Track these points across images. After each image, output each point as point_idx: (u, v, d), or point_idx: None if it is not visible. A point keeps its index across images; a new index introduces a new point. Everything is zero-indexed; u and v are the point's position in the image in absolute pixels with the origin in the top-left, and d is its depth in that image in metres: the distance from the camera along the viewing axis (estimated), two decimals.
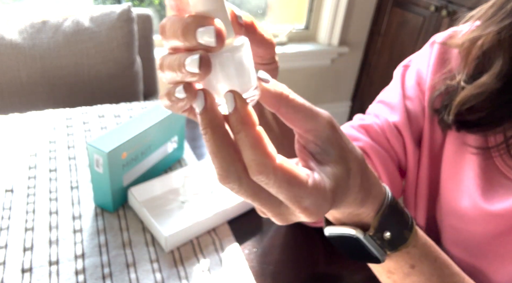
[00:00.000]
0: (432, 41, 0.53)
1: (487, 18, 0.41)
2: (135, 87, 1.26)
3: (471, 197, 0.45)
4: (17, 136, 0.73)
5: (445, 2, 1.72)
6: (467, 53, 0.44)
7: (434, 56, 0.51)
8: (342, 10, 2.04)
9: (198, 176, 0.64)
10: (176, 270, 0.52)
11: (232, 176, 0.25)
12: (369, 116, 0.57)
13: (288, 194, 0.25)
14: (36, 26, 1.11)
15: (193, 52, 0.24)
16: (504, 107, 0.41)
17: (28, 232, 0.54)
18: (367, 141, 0.54)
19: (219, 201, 0.62)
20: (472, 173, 0.45)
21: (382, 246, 0.33)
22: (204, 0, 0.24)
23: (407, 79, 0.55)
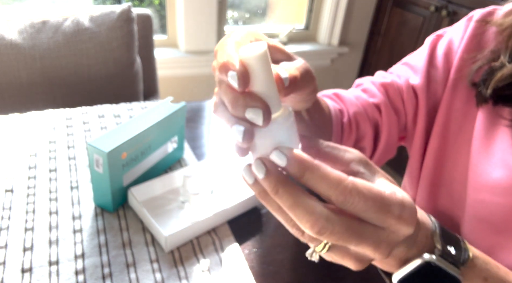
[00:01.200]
0: (470, 16, 0.54)
1: None
2: (135, 87, 1.26)
3: (507, 165, 0.45)
4: (17, 136, 0.73)
5: (445, 2, 1.72)
6: (509, 35, 0.45)
7: (469, 31, 0.52)
8: (342, 10, 2.04)
9: (198, 176, 0.64)
10: (176, 270, 0.52)
11: (321, 218, 0.26)
12: (391, 75, 0.60)
13: (375, 205, 0.26)
14: (36, 26, 1.11)
15: (240, 122, 0.27)
16: None
17: (28, 232, 0.54)
18: (383, 99, 0.57)
19: (219, 201, 0.62)
20: (506, 144, 0.46)
21: (454, 263, 0.32)
22: (256, 79, 0.27)
23: (438, 48, 0.56)
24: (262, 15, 2.12)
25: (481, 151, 0.49)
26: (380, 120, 0.58)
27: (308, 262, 0.55)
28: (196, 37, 1.84)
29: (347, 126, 0.57)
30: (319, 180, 0.26)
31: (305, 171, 0.26)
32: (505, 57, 0.45)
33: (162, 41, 1.89)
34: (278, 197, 0.26)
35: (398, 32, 2.01)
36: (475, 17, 0.53)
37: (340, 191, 0.25)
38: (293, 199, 0.26)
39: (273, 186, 0.26)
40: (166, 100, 0.66)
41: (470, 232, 0.51)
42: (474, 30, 0.51)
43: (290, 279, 0.53)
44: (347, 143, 0.58)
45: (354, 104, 0.58)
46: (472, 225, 0.51)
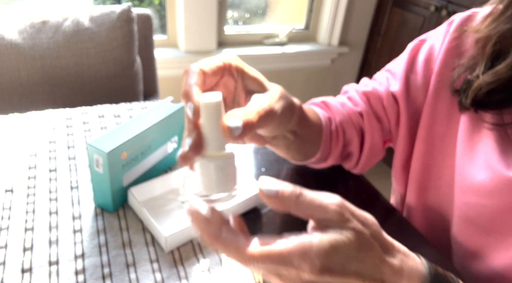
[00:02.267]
0: (451, 20, 0.54)
1: (499, 14, 0.43)
2: (135, 87, 1.26)
3: (490, 167, 0.46)
4: (17, 136, 0.73)
5: (445, 2, 1.72)
6: (483, 47, 0.46)
7: (449, 36, 0.52)
8: (342, 10, 2.04)
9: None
10: (176, 270, 0.52)
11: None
12: (373, 83, 0.63)
13: (277, 262, 0.28)
14: (36, 26, 1.11)
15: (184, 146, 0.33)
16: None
17: (28, 232, 0.54)
18: (365, 108, 0.59)
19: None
20: (490, 147, 0.47)
21: None
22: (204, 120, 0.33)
23: (420, 54, 0.57)
24: (262, 15, 2.12)
25: (465, 154, 0.50)
26: (364, 127, 0.60)
27: None
28: (196, 37, 1.84)
29: (335, 133, 0.59)
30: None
31: (214, 241, 0.31)
32: (480, 67, 0.45)
33: (162, 41, 1.89)
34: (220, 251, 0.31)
35: (398, 32, 2.01)
36: (455, 21, 0.53)
37: (242, 259, 0.29)
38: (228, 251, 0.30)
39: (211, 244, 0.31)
40: (166, 100, 0.66)
41: (459, 233, 0.52)
42: (454, 35, 0.52)
43: None
44: (335, 148, 0.60)
45: (340, 112, 0.60)
46: (461, 226, 0.51)
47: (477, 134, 0.49)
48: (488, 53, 0.45)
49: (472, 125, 0.50)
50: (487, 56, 0.45)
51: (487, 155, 0.47)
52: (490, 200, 0.46)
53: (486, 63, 0.45)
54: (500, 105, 0.45)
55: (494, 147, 0.46)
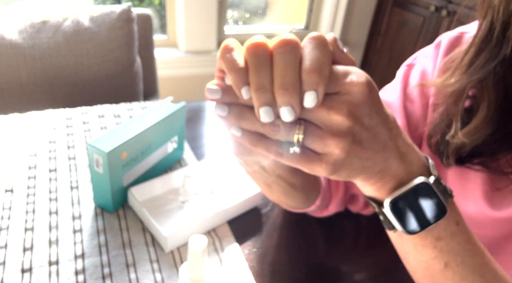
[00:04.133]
0: (438, 42, 0.52)
1: (469, 63, 0.40)
2: (135, 87, 1.26)
3: (476, 204, 0.45)
4: (17, 136, 0.73)
5: (445, 2, 1.72)
6: (456, 102, 0.43)
7: (439, 63, 0.49)
8: (342, 10, 2.04)
9: (198, 176, 0.64)
10: (176, 270, 0.52)
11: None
12: None
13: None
14: (36, 26, 1.11)
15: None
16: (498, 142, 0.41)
17: (28, 232, 0.54)
18: None
19: (219, 201, 0.62)
20: (479, 179, 0.45)
21: (443, 193, 0.33)
22: (190, 261, 0.40)
23: (411, 80, 0.53)
24: (262, 15, 2.12)
25: (455, 183, 0.48)
26: None
27: (308, 262, 0.55)
28: (196, 37, 1.84)
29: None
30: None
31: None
32: (456, 123, 0.42)
33: (162, 41, 1.89)
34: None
35: (398, 32, 2.01)
36: (443, 43, 0.50)
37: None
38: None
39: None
40: (166, 100, 0.66)
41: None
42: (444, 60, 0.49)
43: (290, 279, 0.53)
44: (336, 192, 0.55)
45: None
46: None
47: (466, 171, 0.46)
48: (461, 108, 0.42)
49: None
50: (460, 111, 0.42)
51: (475, 189, 0.45)
52: (482, 231, 0.44)
53: (461, 118, 0.42)
54: (485, 163, 0.43)
55: (483, 180, 0.44)
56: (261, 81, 0.26)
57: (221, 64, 0.28)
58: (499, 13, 0.36)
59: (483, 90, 0.40)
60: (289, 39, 0.27)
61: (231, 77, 0.27)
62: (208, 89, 0.29)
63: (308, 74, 0.26)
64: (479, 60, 0.39)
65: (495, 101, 0.39)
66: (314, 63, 0.26)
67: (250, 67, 0.27)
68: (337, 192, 0.55)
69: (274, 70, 0.26)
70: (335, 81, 0.27)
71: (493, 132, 0.40)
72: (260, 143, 0.29)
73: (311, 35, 0.28)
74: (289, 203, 0.50)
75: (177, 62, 1.85)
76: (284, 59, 0.26)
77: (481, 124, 0.40)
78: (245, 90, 0.27)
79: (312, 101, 0.26)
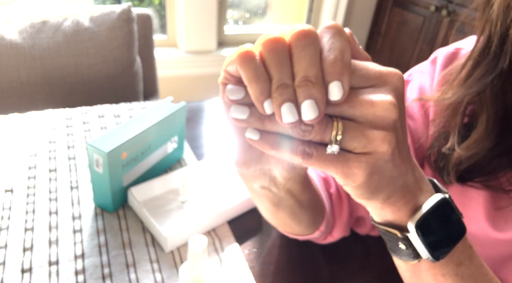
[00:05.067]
0: (433, 57, 0.51)
1: (466, 76, 0.40)
2: (135, 87, 1.26)
3: (479, 224, 0.44)
4: (17, 136, 0.73)
5: (445, 2, 1.72)
6: (453, 115, 0.42)
7: (436, 80, 0.48)
8: (342, 10, 2.04)
9: (198, 176, 0.64)
10: (176, 270, 0.52)
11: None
12: None
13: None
14: (36, 26, 1.11)
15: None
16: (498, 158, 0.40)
17: (28, 232, 0.54)
18: None
19: (219, 201, 0.62)
20: (481, 198, 0.44)
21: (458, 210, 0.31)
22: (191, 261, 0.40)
23: (409, 95, 0.52)
24: (262, 15, 2.12)
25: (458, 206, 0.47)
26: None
27: (308, 262, 0.55)
28: (196, 37, 1.84)
29: (336, 197, 0.51)
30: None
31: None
32: (453, 137, 0.42)
33: (162, 41, 1.89)
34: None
35: (398, 32, 2.01)
36: (439, 59, 0.50)
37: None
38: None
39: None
40: (166, 100, 0.66)
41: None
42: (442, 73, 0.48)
43: (290, 279, 0.52)
44: (340, 215, 0.52)
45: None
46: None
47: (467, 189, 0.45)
48: (459, 121, 0.41)
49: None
50: (459, 125, 0.41)
51: (477, 209, 0.44)
52: (486, 251, 0.43)
53: (460, 132, 0.41)
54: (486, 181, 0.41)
55: (486, 199, 0.43)
56: (283, 77, 0.24)
57: (239, 73, 0.25)
58: (497, 27, 0.36)
59: (481, 103, 0.39)
60: (307, 30, 0.24)
61: (253, 89, 0.24)
62: (229, 89, 0.26)
63: (331, 64, 0.24)
64: (477, 73, 0.39)
65: (494, 114, 0.38)
66: (336, 52, 0.24)
67: (270, 64, 0.24)
68: (341, 215, 0.52)
69: (294, 65, 0.24)
70: (365, 74, 0.25)
71: (493, 147, 0.39)
72: (284, 145, 0.26)
73: (326, 24, 0.26)
74: (294, 226, 0.47)
75: (177, 62, 1.85)
76: (305, 52, 0.24)
77: (480, 138, 0.39)
78: (267, 104, 0.24)
79: (338, 92, 0.24)
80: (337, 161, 0.25)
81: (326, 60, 0.24)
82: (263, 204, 0.41)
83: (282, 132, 0.26)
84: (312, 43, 0.24)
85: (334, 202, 0.52)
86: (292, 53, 0.24)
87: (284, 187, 0.37)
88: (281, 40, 0.25)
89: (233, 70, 0.26)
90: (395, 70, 0.25)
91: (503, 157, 0.40)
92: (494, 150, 0.39)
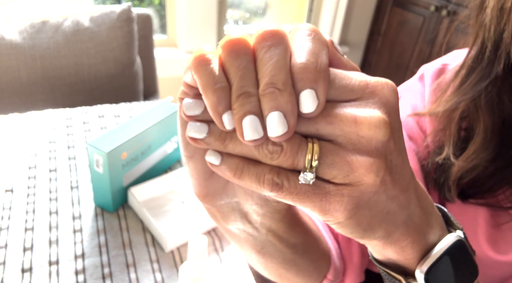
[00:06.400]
0: (420, 74, 0.49)
1: (460, 82, 0.39)
2: (135, 87, 1.26)
3: (479, 246, 0.42)
4: (17, 136, 0.73)
5: (445, 2, 1.72)
6: (448, 123, 0.40)
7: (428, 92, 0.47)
8: (342, 10, 2.04)
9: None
10: (176, 270, 0.52)
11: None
12: None
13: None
14: (36, 26, 1.11)
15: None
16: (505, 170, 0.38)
17: (28, 232, 0.54)
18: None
19: None
20: (482, 220, 0.42)
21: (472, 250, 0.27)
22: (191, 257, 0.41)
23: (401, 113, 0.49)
24: (262, 15, 2.12)
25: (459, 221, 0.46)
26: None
27: None
28: (196, 37, 1.84)
29: (343, 237, 0.44)
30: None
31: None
32: (450, 148, 0.39)
33: (162, 41, 1.89)
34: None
35: (398, 32, 2.01)
36: (426, 76, 0.48)
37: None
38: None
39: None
40: (166, 100, 0.66)
41: None
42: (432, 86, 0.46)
43: None
44: (350, 257, 0.45)
45: None
46: None
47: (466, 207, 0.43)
48: (454, 131, 0.39)
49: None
50: (454, 135, 0.39)
51: (478, 231, 0.42)
52: (486, 271, 0.42)
53: (456, 143, 0.39)
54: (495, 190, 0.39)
55: (486, 220, 0.41)
56: (245, 84, 0.19)
57: (194, 80, 0.21)
58: (490, 32, 0.35)
59: (477, 112, 0.38)
60: (273, 29, 0.20)
61: (208, 98, 0.20)
62: (185, 104, 0.21)
63: (302, 68, 0.19)
64: (471, 80, 0.38)
65: (491, 123, 0.37)
66: (308, 55, 0.20)
67: (229, 69, 0.20)
68: (352, 257, 0.44)
69: (258, 70, 0.20)
70: (348, 84, 0.20)
71: (493, 158, 0.37)
72: (247, 172, 0.20)
73: (299, 25, 0.22)
74: (292, 278, 0.36)
75: (177, 62, 1.85)
76: (270, 53, 0.20)
77: (479, 149, 0.37)
78: (227, 117, 0.20)
79: (312, 103, 0.19)
80: (314, 194, 0.20)
81: (296, 65, 0.19)
82: (245, 251, 0.33)
83: (246, 155, 0.21)
84: (279, 44, 0.20)
85: (341, 243, 0.44)
86: (256, 57, 0.20)
87: (263, 227, 0.29)
88: (243, 41, 0.20)
89: (190, 80, 0.22)
90: (385, 80, 0.21)
91: (505, 169, 0.38)
92: (495, 162, 0.38)
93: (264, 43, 0.20)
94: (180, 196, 0.62)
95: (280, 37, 0.20)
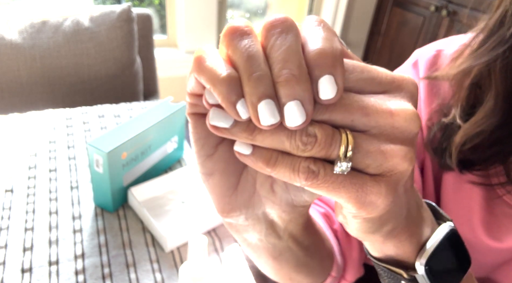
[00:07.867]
0: (414, 60, 0.49)
1: (478, 46, 0.38)
2: (135, 87, 1.26)
3: (474, 231, 0.42)
4: (17, 136, 0.73)
5: (445, 2, 1.72)
6: (459, 86, 0.40)
7: (422, 84, 0.46)
8: (342, 10, 2.04)
9: (198, 176, 0.64)
10: (176, 270, 0.52)
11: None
12: None
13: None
14: (36, 26, 1.11)
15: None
16: (506, 142, 0.38)
17: (28, 232, 0.54)
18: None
19: None
20: (477, 206, 0.42)
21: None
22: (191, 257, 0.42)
23: None
24: (262, 15, 2.12)
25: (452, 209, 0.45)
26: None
27: None
28: (196, 37, 1.84)
29: (342, 234, 0.45)
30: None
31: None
32: (457, 111, 0.39)
33: (162, 41, 1.89)
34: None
35: (398, 32, 2.01)
36: (420, 63, 0.47)
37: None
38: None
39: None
40: (166, 100, 0.66)
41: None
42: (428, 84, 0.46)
43: None
44: (350, 254, 0.45)
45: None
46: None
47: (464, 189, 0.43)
48: (464, 95, 0.39)
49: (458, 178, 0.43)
50: (463, 99, 0.39)
51: (472, 217, 0.42)
52: (481, 257, 0.42)
53: (464, 107, 0.39)
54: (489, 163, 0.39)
55: (481, 206, 0.42)
56: (253, 64, 0.18)
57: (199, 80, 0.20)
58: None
59: (490, 77, 0.37)
60: (283, 17, 0.19)
61: (217, 90, 0.18)
62: (208, 91, 0.20)
63: (319, 54, 0.18)
64: (489, 43, 0.37)
65: (504, 88, 0.37)
66: (323, 41, 0.19)
67: (235, 53, 0.19)
68: (351, 253, 0.45)
69: (269, 56, 0.19)
70: (377, 76, 0.20)
71: (500, 125, 0.37)
72: (281, 160, 0.20)
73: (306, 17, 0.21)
74: (302, 280, 0.36)
75: (177, 62, 1.85)
76: (281, 40, 0.18)
77: (488, 115, 0.36)
78: (241, 104, 0.18)
79: (331, 89, 0.18)
80: (350, 183, 0.19)
81: (312, 51, 0.18)
82: (260, 259, 0.33)
83: (276, 147, 0.20)
84: (290, 30, 0.19)
85: (341, 240, 0.45)
86: (266, 45, 0.19)
87: (285, 233, 0.29)
88: (245, 25, 0.19)
89: (194, 85, 0.21)
90: (407, 75, 0.21)
91: (507, 138, 0.38)
92: (500, 130, 0.37)
93: (274, 30, 0.19)
94: (180, 196, 0.62)
95: (290, 24, 0.19)
